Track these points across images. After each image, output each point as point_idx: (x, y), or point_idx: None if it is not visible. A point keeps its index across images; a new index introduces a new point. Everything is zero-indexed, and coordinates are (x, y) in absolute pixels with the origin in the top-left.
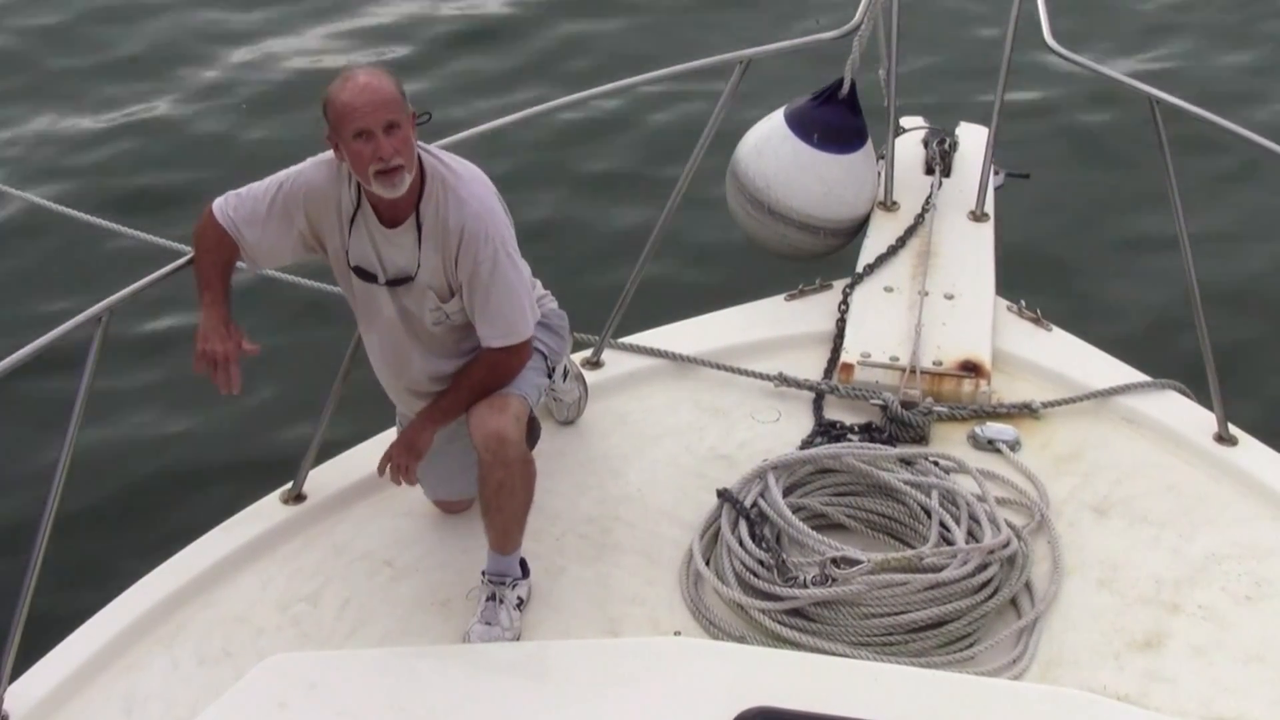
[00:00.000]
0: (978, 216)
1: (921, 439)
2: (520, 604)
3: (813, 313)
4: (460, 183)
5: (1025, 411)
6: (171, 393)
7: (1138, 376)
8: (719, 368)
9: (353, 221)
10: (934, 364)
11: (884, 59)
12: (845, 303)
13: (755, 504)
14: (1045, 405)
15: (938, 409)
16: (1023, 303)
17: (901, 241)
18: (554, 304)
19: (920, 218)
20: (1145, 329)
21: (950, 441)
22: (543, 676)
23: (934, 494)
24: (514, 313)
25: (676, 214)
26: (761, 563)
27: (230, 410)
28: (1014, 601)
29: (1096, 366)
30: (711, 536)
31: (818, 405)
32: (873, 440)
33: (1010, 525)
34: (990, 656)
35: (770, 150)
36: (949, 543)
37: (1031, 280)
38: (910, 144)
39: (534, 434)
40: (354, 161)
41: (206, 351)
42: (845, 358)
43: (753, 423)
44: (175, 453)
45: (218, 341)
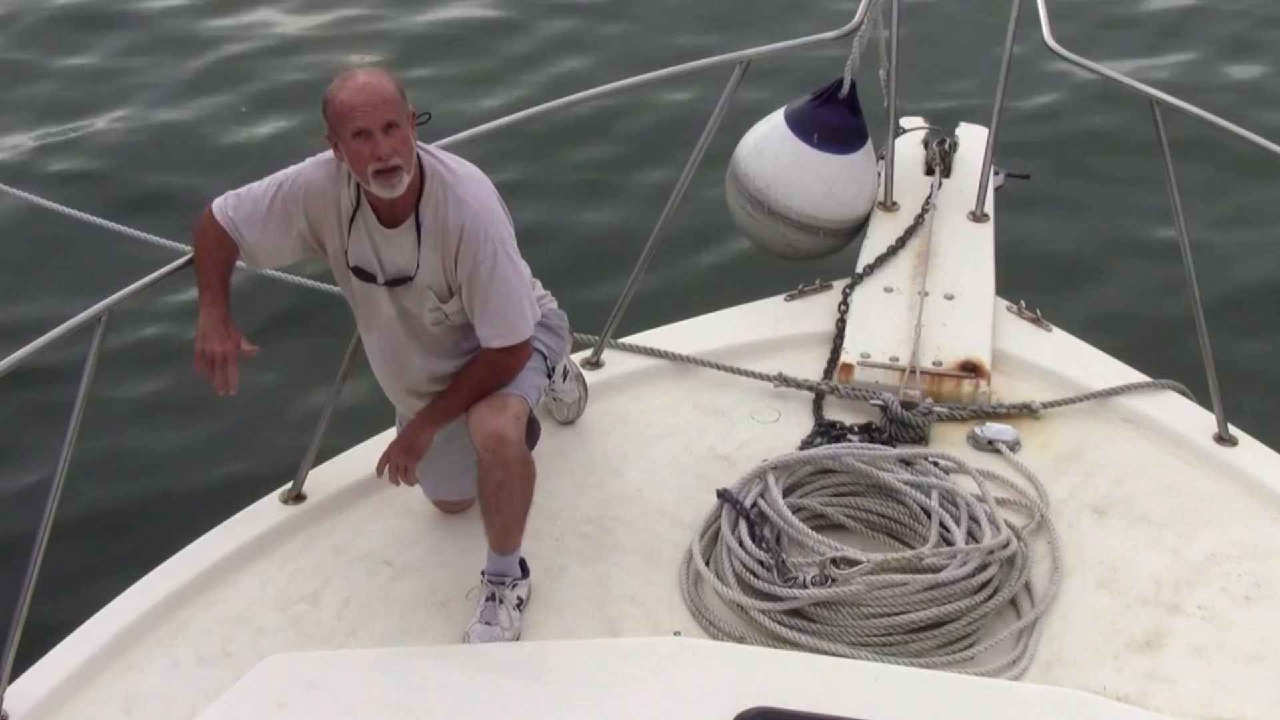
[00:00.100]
0: (978, 217)
1: (921, 439)
2: (520, 604)
3: (813, 313)
4: (459, 183)
5: (1025, 412)
6: (171, 393)
7: (1138, 377)
8: (719, 368)
9: (352, 221)
10: (934, 364)
11: (884, 59)
12: (845, 303)
13: (755, 504)
14: (1045, 405)
15: (937, 409)
16: (1023, 303)
17: (901, 242)
18: (554, 304)
19: (920, 218)
20: (1145, 329)
21: (950, 442)
22: (542, 676)
23: (934, 494)
24: (514, 313)
25: (677, 214)
26: (761, 563)
27: (230, 410)
28: (1014, 602)
29: (1096, 367)
30: (711, 537)
31: (817, 405)
32: (872, 441)
33: (1010, 525)
34: (990, 657)
35: (770, 150)
36: (949, 543)
37: (1031, 280)
38: (910, 144)
39: (534, 434)
40: (353, 161)
41: (205, 351)
42: (845, 358)
43: (752, 423)
44: (175, 452)
45: (216, 341)
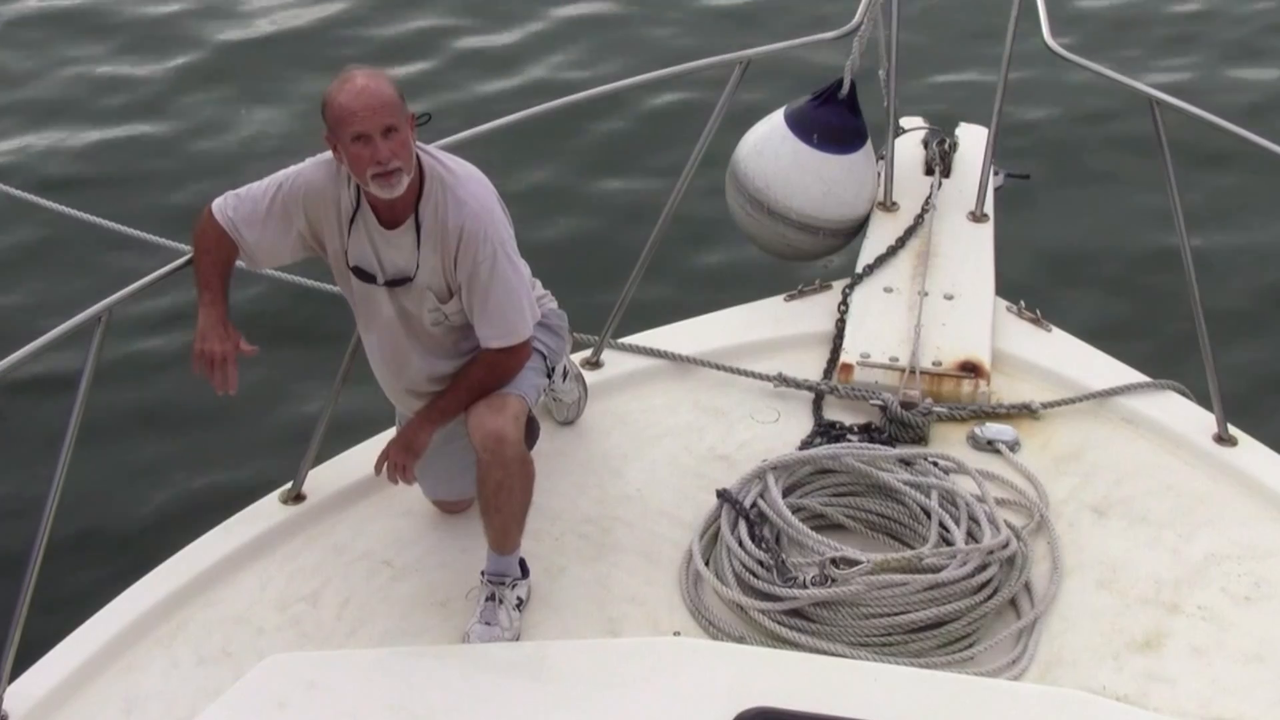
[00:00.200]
0: (977, 217)
1: (921, 439)
2: (520, 604)
3: (812, 313)
4: (459, 183)
5: (1025, 412)
6: (171, 392)
7: (1137, 377)
8: (719, 368)
9: (352, 222)
10: (933, 364)
11: (884, 59)
12: (845, 303)
13: (755, 504)
14: (1045, 406)
15: (937, 409)
16: (1022, 303)
17: (901, 242)
18: (554, 304)
19: (920, 218)
20: (1145, 329)
21: (950, 442)
22: (542, 676)
23: (933, 494)
24: (513, 313)
25: (677, 214)
26: (761, 563)
27: (229, 410)
28: (1013, 602)
29: (1096, 367)
30: (711, 537)
31: (817, 406)
32: (872, 441)
33: (1010, 526)
34: (990, 657)
35: (770, 150)
36: (948, 543)
37: (1031, 280)
38: (910, 144)
39: (533, 434)
40: (352, 164)
41: (204, 351)
42: (845, 358)
43: (752, 423)
44: (175, 452)
45: (216, 341)
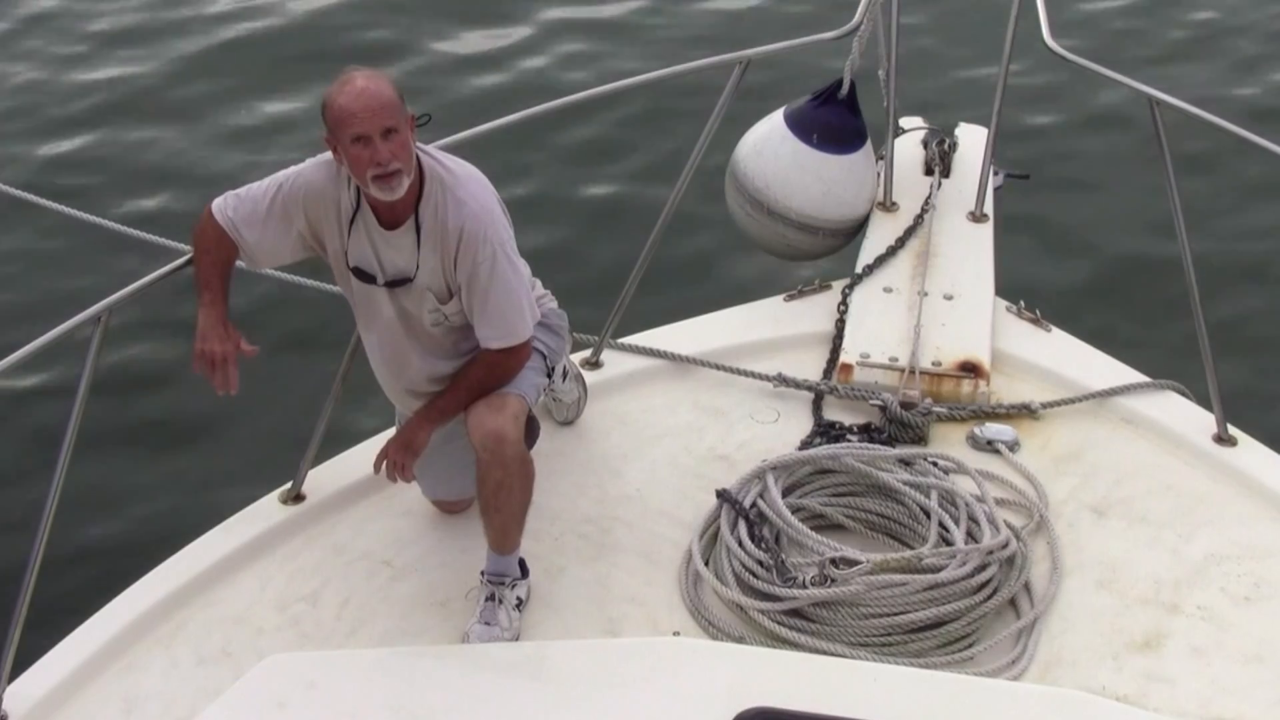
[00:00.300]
0: (977, 217)
1: (920, 439)
2: (519, 604)
3: (812, 313)
4: (459, 184)
5: (1024, 412)
6: (171, 392)
7: (1137, 377)
8: (718, 368)
9: (352, 223)
10: (933, 364)
11: (884, 59)
12: (844, 303)
13: (754, 504)
14: (1044, 406)
15: (937, 409)
16: (1022, 303)
17: (901, 242)
18: (554, 304)
19: (919, 218)
20: (1145, 329)
21: (949, 442)
22: (542, 677)
23: (933, 494)
24: (513, 314)
25: (676, 214)
26: (761, 563)
27: (229, 410)
28: (1013, 602)
29: (1096, 367)
30: (711, 537)
31: (817, 406)
32: (872, 441)
33: (1009, 526)
34: (989, 657)
35: (770, 150)
36: (948, 543)
37: (1031, 280)
38: (910, 144)
39: (533, 434)
40: (352, 166)
41: (205, 351)
42: (844, 358)
43: (752, 423)
44: (174, 452)
45: (216, 342)
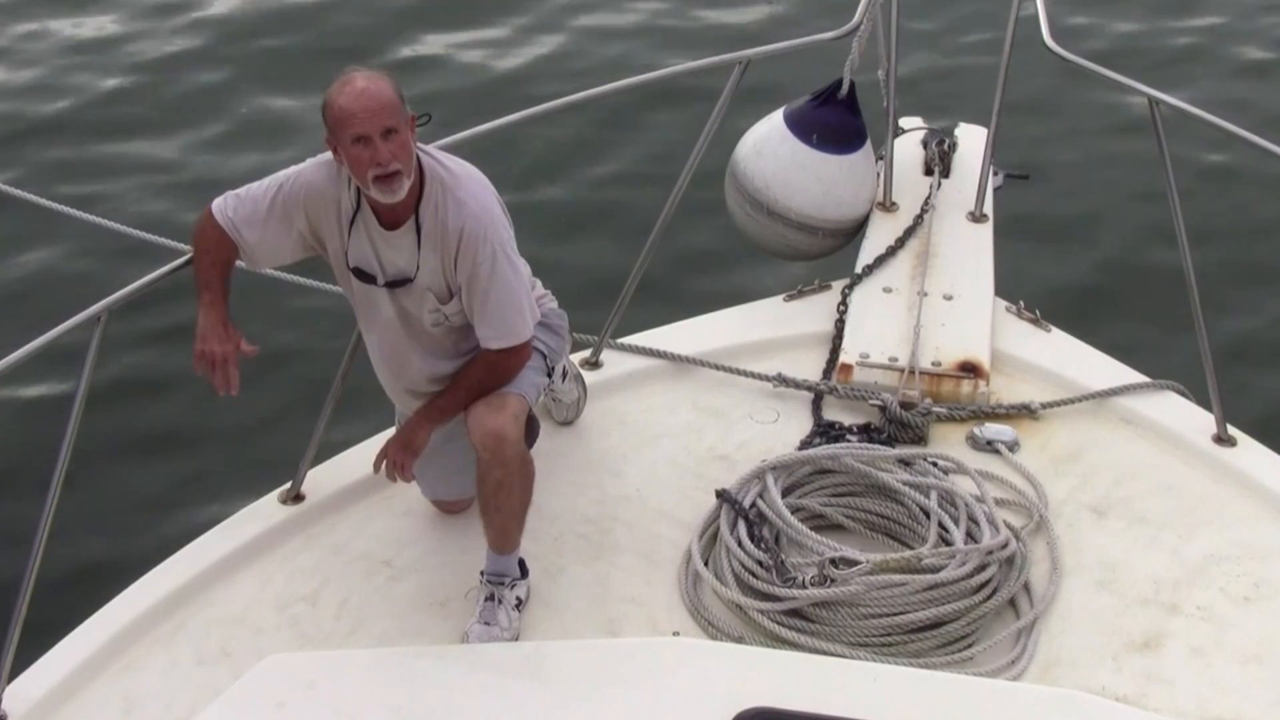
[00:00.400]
0: (977, 217)
1: (920, 440)
2: (519, 604)
3: (811, 313)
4: (459, 184)
5: (1024, 412)
6: (170, 392)
7: (1136, 377)
8: (718, 368)
9: (352, 223)
10: (933, 364)
11: (884, 59)
12: (844, 303)
13: (754, 504)
14: (1044, 406)
15: (936, 410)
16: (1022, 303)
17: (900, 242)
18: (554, 303)
19: (919, 218)
20: (1145, 329)
21: (949, 442)
22: (541, 677)
23: (933, 495)
24: (513, 314)
25: (676, 214)
26: (760, 563)
27: (229, 410)
28: (1012, 602)
29: (1095, 367)
30: (710, 537)
31: (816, 406)
32: (871, 441)
33: (1009, 526)
34: (989, 657)
35: (769, 151)
36: (948, 543)
37: (1030, 280)
38: (909, 145)
39: (533, 433)
40: (352, 166)
41: (205, 352)
42: (844, 358)
43: (751, 423)
44: (174, 452)
45: (216, 342)
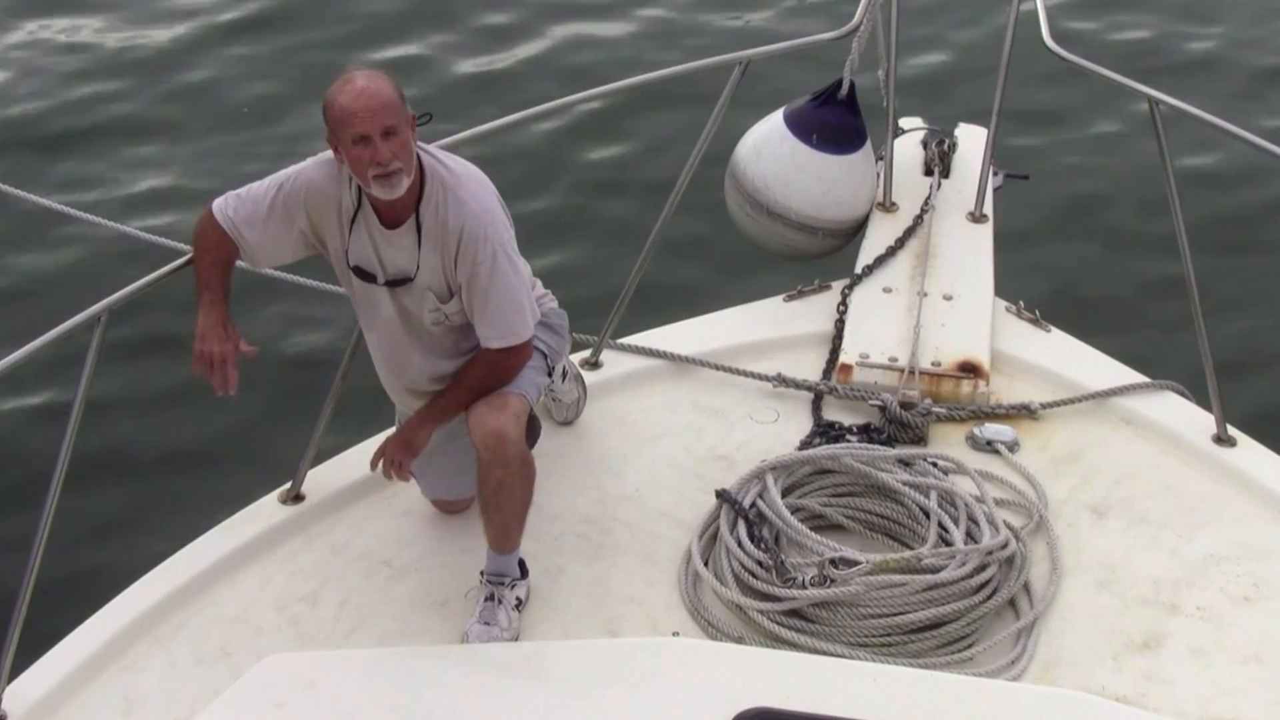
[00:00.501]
0: (977, 217)
1: (920, 440)
2: (519, 604)
3: (811, 313)
4: (459, 183)
5: (1024, 412)
6: (170, 392)
7: (1136, 377)
8: (718, 368)
9: (353, 222)
10: (933, 365)
11: (883, 59)
12: (844, 303)
13: (754, 504)
14: (1044, 406)
15: (936, 410)
16: (1021, 303)
17: (900, 242)
18: (554, 303)
19: (919, 219)
20: (1145, 329)
21: (949, 442)
22: (541, 677)
23: (932, 495)
24: (513, 314)
25: (676, 214)
26: (760, 563)
27: (229, 410)
28: (1012, 602)
29: (1095, 367)
30: (710, 537)
31: (816, 406)
32: (871, 441)
33: (1009, 526)
34: (989, 657)
35: (769, 151)
36: (947, 544)
37: (1030, 281)
38: (909, 145)
39: (533, 433)
40: (353, 166)
41: (204, 352)
42: (844, 358)
43: (751, 423)
44: (174, 453)
45: (215, 342)
